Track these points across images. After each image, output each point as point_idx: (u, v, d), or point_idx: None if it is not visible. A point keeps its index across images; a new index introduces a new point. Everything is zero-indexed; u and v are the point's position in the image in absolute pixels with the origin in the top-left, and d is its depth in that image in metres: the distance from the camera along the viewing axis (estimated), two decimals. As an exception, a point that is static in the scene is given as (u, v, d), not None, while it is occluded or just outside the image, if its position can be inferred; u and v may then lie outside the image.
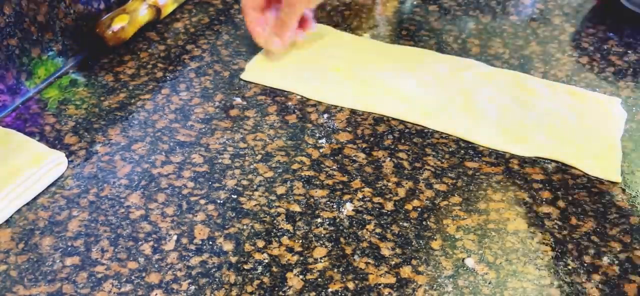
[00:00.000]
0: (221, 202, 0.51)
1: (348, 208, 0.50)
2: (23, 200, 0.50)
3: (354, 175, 0.53)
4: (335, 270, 0.46)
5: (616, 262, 0.46)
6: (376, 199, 0.51)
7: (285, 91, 0.63)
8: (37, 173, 0.51)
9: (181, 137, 0.57)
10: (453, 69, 0.65)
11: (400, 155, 0.56)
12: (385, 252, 0.47)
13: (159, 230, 0.48)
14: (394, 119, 0.59)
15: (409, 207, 0.51)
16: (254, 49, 0.69)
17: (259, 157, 0.55)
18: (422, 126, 0.58)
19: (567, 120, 0.59)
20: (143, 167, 0.54)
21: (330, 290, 0.44)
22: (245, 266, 0.46)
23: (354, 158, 0.55)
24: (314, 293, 0.44)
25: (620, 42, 0.70)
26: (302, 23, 0.67)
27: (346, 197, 0.51)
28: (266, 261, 0.46)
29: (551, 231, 0.49)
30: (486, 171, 0.54)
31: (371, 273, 0.45)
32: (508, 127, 0.58)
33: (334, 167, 0.54)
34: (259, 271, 0.45)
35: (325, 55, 0.68)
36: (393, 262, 0.46)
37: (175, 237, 0.48)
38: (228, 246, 0.47)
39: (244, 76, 0.65)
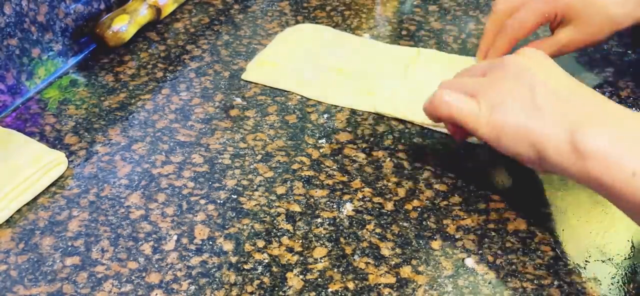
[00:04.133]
0: (221, 202, 0.51)
1: (348, 208, 0.50)
2: (23, 200, 0.50)
3: (354, 175, 0.53)
4: (335, 270, 0.46)
5: (616, 262, 0.46)
6: (376, 199, 0.51)
7: (285, 91, 0.63)
8: (37, 173, 0.51)
9: (181, 137, 0.57)
10: (452, 68, 0.65)
11: (400, 155, 0.56)
12: (385, 252, 0.47)
13: (159, 230, 0.48)
14: (394, 119, 0.59)
15: (409, 207, 0.51)
16: (254, 49, 0.69)
17: (259, 157, 0.55)
18: (422, 126, 0.58)
19: None
20: (143, 167, 0.54)
21: (330, 290, 0.44)
22: (245, 266, 0.46)
23: (354, 158, 0.55)
24: (314, 293, 0.44)
25: (620, 42, 0.70)
26: None
27: (346, 197, 0.51)
28: (266, 261, 0.46)
29: (551, 232, 0.49)
30: (486, 171, 0.54)
31: (371, 273, 0.45)
32: None
33: (334, 167, 0.54)
34: (259, 271, 0.45)
35: (326, 55, 0.68)
36: (393, 262, 0.46)
37: (175, 237, 0.48)
38: (228, 246, 0.47)
39: (244, 76, 0.65)
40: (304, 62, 0.67)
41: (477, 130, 0.48)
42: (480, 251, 0.47)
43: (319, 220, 0.49)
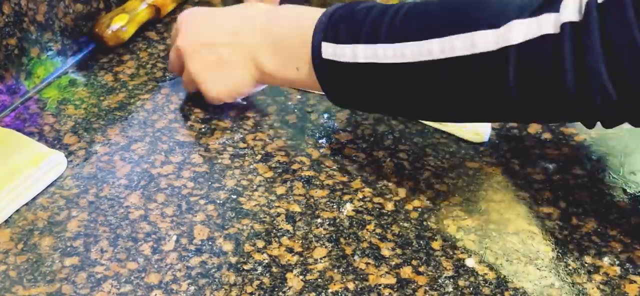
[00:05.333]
0: (221, 202, 0.51)
1: (348, 208, 0.50)
2: (22, 200, 0.50)
3: (354, 175, 0.53)
4: (335, 270, 0.45)
5: (617, 262, 0.46)
6: (376, 199, 0.51)
7: (284, 90, 0.63)
8: (37, 173, 0.51)
9: (181, 137, 0.57)
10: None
11: (400, 155, 0.55)
12: (386, 252, 0.47)
13: (159, 230, 0.48)
14: (394, 119, 0.59)
15: (409, 207, 0.51)
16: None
17: (259, 157, 0.55)
18: (423, 125, 0.58)
19: None
20: (142, 167, 0.54)
21: (330, 290, 0.44)
22: (245, 267, 0.46)
23: (354, 158, 0.55)
24: (314, 294, 0.44)
25: None
26: None
27: (346, 197, 0.51)
28: (266, 261, 0.46)
29: (552, 232, 0.49)
30: (486, 171, 0.54)
31: (371, 274, 0.45)
32: None
33: (334, 167, 0.54)
34: (258, 271, 0.45)
35: None
36: (393, 262, 0.46)
37: (174, 237, 0.48)
38: (228, 246, 0.47)
39: None
40: None
41: (214, 99, 0.58)
42: (480, 252, 0.47)
43: (319, 220, 0.49)
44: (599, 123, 0.42)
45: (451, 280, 0.45)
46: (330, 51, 0.49)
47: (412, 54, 0.45)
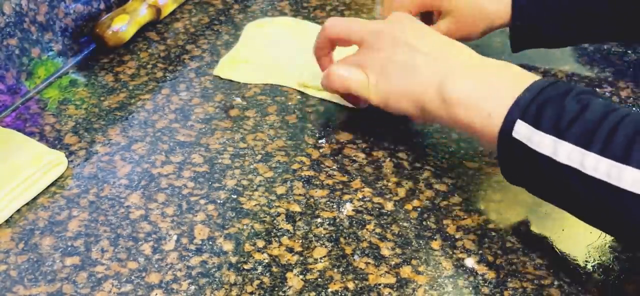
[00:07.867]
0: (221, 202, 0.51)
1: (348, 208, 0.50)
2: (23, 200, 0.50)
3: (354, 175, 0.53)
4: (335, 270, 0.46)
5: (617, 262, 0.46)
6: (376, 199, 0.51)
7: (285, 91, 0.63)
8: (37, 173, 0.51)
9: (181, 137, 0.57)
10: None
11: (400, 155, 0.56)
12: (385, 252, 0.47)
13: (159, 230, 0.48)
14: (393, 118, 0.59)
15: (409, 207, 0.51)
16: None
17: (259, 157, 0.55)
18: (423, 125, 0.58)
19: None
20: (143, 167, 0.54)
21: (330, 290, 0.44)
22: (245, 266, 0.46)
23: (354, 158, 0.55)
24: (314, 293, 0.44)
25: (620, 42, 0.70)
26: None
27: (346, 197, 0.51)
28: (266, 261, 0.46)
29: (551, 231, 0.49)
30: (486, 171, 0.54)
31: (371, 273, 0.45)
32: None
33: (334, 167, 0.54)
34: (259, 271, 0.45)
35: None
36: (393, 262, 0.46)
37: (175, 237, 0.48)
38: (228, 246, 0.47)
39: (216, 71, 0.65)
40: (294, 53, 0.67)
41: (368, 98, 0.54)
42: (480, 251, 0.47)
43: (319, 220, 0.49)
44: None
45: (450, 280, 0.45)
46: (524, 133, 0.43)
47: (632, 181, 0.39)
